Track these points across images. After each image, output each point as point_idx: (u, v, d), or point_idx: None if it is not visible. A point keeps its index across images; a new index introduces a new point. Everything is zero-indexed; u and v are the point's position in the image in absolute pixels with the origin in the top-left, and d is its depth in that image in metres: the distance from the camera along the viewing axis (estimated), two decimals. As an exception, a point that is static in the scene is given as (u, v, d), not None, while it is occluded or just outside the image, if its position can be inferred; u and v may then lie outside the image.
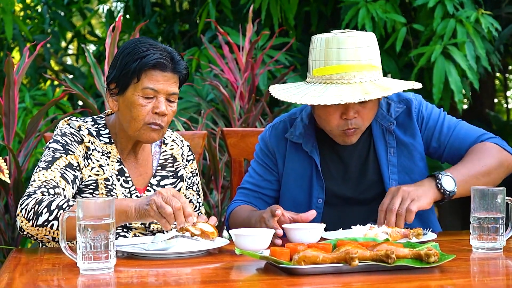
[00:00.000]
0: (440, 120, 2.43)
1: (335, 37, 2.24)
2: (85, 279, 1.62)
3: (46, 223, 2.01)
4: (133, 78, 2.21)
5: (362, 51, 2.24)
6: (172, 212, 1.93)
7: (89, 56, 3.57)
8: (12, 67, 3.21)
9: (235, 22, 5.45)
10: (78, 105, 5.80)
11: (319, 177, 2.43)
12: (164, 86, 2.22)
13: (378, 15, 4.50)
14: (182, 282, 1.63)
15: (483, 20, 4.40)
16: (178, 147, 2.46)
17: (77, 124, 2.30)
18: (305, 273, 1.62)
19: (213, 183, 3.82)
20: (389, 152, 2.41)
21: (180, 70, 2.26)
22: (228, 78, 4.27)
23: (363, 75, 2.24)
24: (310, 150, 2.43)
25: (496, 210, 1.91)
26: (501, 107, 9.21)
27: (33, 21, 6.62)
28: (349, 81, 2.23)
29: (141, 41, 2.26)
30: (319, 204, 2.42)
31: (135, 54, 2.21)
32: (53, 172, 2.16)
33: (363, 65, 2.24)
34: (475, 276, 1.70)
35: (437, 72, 4.35)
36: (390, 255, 1.63)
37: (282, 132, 2.52)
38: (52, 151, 2.22)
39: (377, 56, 2.29)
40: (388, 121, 2.42)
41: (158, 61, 2.20)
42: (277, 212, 2.14)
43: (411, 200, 2.17)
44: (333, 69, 2.25)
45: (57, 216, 2.00)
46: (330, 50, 2.24)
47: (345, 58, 2.23)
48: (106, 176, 2.26)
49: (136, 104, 2.21)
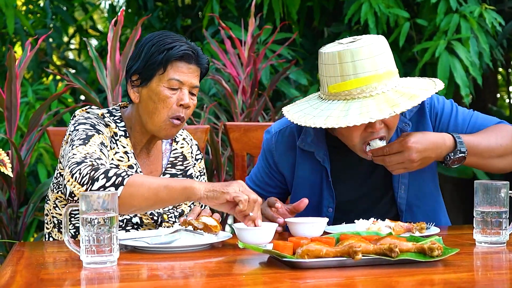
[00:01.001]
0: (453, 113, 2.35)
1: (347, 50, 2.11)
2: (88, 273, 1.62)
3: (102, 188, 1.94)
4: (159, 69, 2.21)
5: (379, 59, 2.12)
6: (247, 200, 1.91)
7: (91, 50, 3.57)
8: (14, 61, 3.21)
9: (237, 17, 5.44)
10: (80, 99, 5.80)
11: (330, 187, 2.37)
12: (189, 78, 2.23)
13: (381, 10, 4.49)
14: (185, 276, 1.63)
15: (487, 15, 4.39)
16: (188, 145, 2.46)
17: (99, 112, 2.28)
18: (308, 267, 1.62)
19: (216, 177, 3.82)
20: None
21: (203, 64, 2.27)
22: (230, 72, 4.26)
23: (383, 85, 2.13)
24: (322, 160, 2.35)
25: (500, 204, 1.90)
26: (503, 102, 9.19)
27: (35, 16, 6.61)
28: (371, 93, 2.12)
29: (165, 33, 2.27)
30: (329, 214, 2.38)
31: (161, 46, 2.21)
32: (92, 147, 2.11)
33: (382, 74, 2.13)
34: (479, 270, 1.70)
35: (442, 67, 4.34)
36: (394, 249, 1.62)
37: (289, 139, 2.40)
38: (83, 130, 2.17)
39: (392, 59, 2.19)
40: (402, 122, 2.33)
41: (186, 53, 2.21)
42: (277, 205, 2.14)
43: (404, 168, 2.16)
44: (351, 83, 2.12)
45: (115, 182, 1.94)
46: (345, 64, 2.12)
47: (362, 70, 2.11)
48: (131, 163, 2.26)
49: (161, 95, 2.21)
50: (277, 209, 2.15)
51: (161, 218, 2.28)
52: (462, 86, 4.34)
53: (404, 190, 2.35)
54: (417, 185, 2.36)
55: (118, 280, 1.58)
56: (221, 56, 4.34)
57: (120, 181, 1.94)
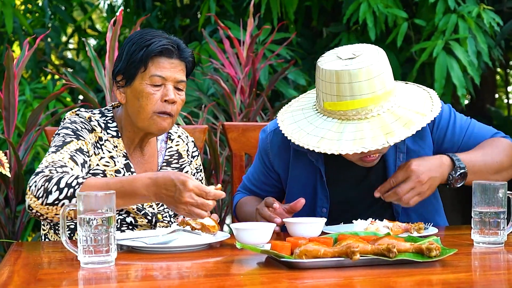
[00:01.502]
0: (451, 121, 2.33)
1: (346, 71, 2.07)
2: (86, 273, 1.62)
3: (56, 202, 1.96)
4: (140, 67, 2.19)
5: (377, 81, 2.08)
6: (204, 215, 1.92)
7: (90, 49, 3.57)
8: (12, 61, 3.21)
9: (235, 17, 5.44)
10: (79, 99, 5.79)
11: (324, 187, 2.36)
12: (172, 73, 2.21)
13: (379, 9, 4.49)
14: (183, 276, 1.63)
15: (485, 15, 4.39)
16: (184, 143, 2.45)
17: (86, 115, 2.27)
18: (306, 267, 1.61)
19: (214, 177, 3.82)
20: (398, 157, 2.32)
21: (186, 57, 2.25)
22: (228, 72, 4.26)
23: (380, 107, 2.10)
24: (316, 160, 2.33)
25: (498, 205, 1.90)
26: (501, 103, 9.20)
27: (33, 15, 6.61)
28: (366, 116, 2.09)
29: (145, 31, 2.25)
30: (324, 214, 2.37)
31: (141, 43, 2.20)
32: (62, 154, 2.12)
33: (379, 95, 2.09)
34: (477, 270, 1.70)
35: (439, 67, 4.34)
36: (392, 249, 1.62)
37: (284, 138, 2.32)
38: (63, 136, 2.19)
39: (390, 77, 2.14)
40: None
41: (164, 47, 2.19)
42: (274, 205, 2.14)
43: (417, 193, 2.15)
44: (347, 105, 2.09)
45: (67, 195, 1.95)
46: (342, 84, 2.07)
47: (359, 92, 2.07)
48: (117, 168, 2.24)
49: (144, 92, 2.19)
50: (275, 209, 2.15)
51: (155, 218, 2.27)
52: (459, 86, 4.34)
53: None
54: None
55: (115, 280, 1.58)
56: (219, 56, 4.33)
57: (72, 193, 1.96)
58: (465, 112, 2.55)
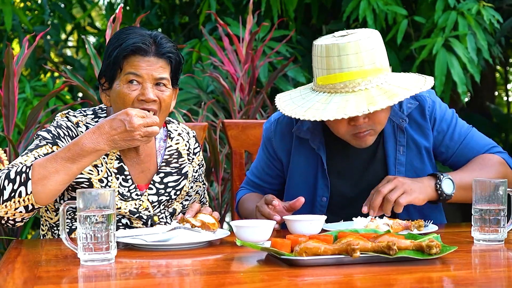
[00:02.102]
0: (452, 125, 2.36)
1: (335, 44, 2.13)
2: (86, 270, 1.62)
3: (12, 193, 1.95)
4: (116, 68, 2.13)
5: (365, 55, 2.13)
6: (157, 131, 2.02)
7: (89, 47, 3.56)
8: (12, 58, 3.20)
9: (235, 14, 5.44)
10: (78, 96, 5.79)
11: (325, 175, 2.37)
12: (148, 71, 2.12)
13: (379, 7, 4.49)
14: (183, 274, 1.63)
15: (485, 12, 4.39)
16: (184, 141, 2.39)
17: (75, 120, 2.22)
18: (306, 265, 1.61)
19: (214, 175, 3.82)
20: (398, 150, 2.34)
21: (165, 53, 2.15)
22: (228, 70, 4.26)
23: (368, 81, 2.14)
24: (317, 147, 2.36)
25: (498, 202, 1.90)
26: (501, 100, 9.20)
27: (32, 13, 6.60)
28: (354, 89, 2.13)
29: (123, 30, 2.18)
30: (323, 203, 2.38)
31: (115, 43, 2.14)
32: (27, 157, 2.09)
33: (367, 70, 2.13)
34: (477, 267, 1.70)
35: (439, 65, 4.34)
36: (392, 247, 1.62)
37: (287, 126, 2.44)
38: (39, 139, 2.16)
39: (382, 56, 2.19)
40: (400, 117, 2.33)
41: (136, 46, 2.11)
42: (274, 202, 2.14)
43: (403, 192, 2.15)
44: (335, 77, 2.15)
45: (21, 181, 1.94)
46: (332, 58, 2.14)
47: (347, 65, 2.12)
48: (101, 177, 2.18)
49: (121, 93, 2.13)
50: (274, 207, 2.15)
51: (151, 220, 2.24)
52: (459, 83, 4.34)
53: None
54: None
55: (115, 278, 1.58)
56: (219, 53, 4.33)
57: (25, 178, 1.94)
58: (465, 110, 2.56)
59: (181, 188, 2.33)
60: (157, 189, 2.27)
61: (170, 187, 2.30)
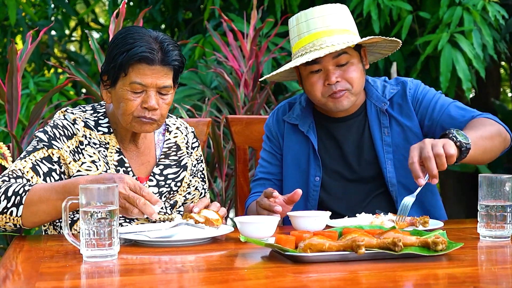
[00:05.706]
0: (434, 99, 2.44)
1: (303, 12, 2.36)
2: (89, 266, 1.61)
3: (5, 210, 2.01)
4: (120, 72, 2.14)
5: (330, 18, 2.33)
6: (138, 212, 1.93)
7: (93, 42, 3.56)
8: (15, 54, 3.19)
9: (240, 10, 5.42)
10: (82, 92, 5.79)
11: (316, 156, 2.47)
12: (153, 79, 2.14)
13: (383, 2, 4.47)
14: (186, 270, 1.62)
15: (490, 8, 4.37)
16: (183, 134, 2.42)
17: (72, 116, 2.23)
18: (311, 261, 1.60)
19: (217, 171, 3.81)
20: (383, 132, 2.44)
21: (170, 62, 2.15)
22: (232, 65, 4.25)
23: (333, 39, 2.31)
24: (306, 130, 2.49)
25: (504, 198, 1.89)
26: (506, 96, 9.18)
27: (36, 8, 6.60)
28: (321, 46, 2.31)
29: (130, 31, 2.17)
30: (317, 182, 2.46)
31: (122, 47, 2.13)
32: (25, 163, 2.14)
33: (333, 29, 2.32)
34: (483, 264, 1.68)
35: (444, 61, 4.32)
36: (397, 243, 1.61)
37: (281, 115, 2.59)
38: (37, 141, 2.19)
39: (349, 22, 2.37)
40: (382, 101, 2.45)
41: (143, 55, 2.11)
42: (274, 194, 2.15)
43: (442, 143, 2.05)
44: (305, 40, 2.35)
45: (15, 202, 2.00)
46: (301, 24, 2.36)
47: (314, 26, 2.33)
48: (100, 172, 2.20)
49: (124, 98, 2.15)
50: (275, 199, 2.15)
51: None
52: (464, 80, 4.33)
53: (391, 165, 2.41)
54: (402, 162, 2.39)
55: (118, 274, 1.57)
56: (223, 49, 4.32)
57: (19, 201, 2.00)
58: (470, 106, 2.55)
59: (181, 180, 2.35)
60: (157, 181, 2.29)
61: (170, 179, 2.32)
